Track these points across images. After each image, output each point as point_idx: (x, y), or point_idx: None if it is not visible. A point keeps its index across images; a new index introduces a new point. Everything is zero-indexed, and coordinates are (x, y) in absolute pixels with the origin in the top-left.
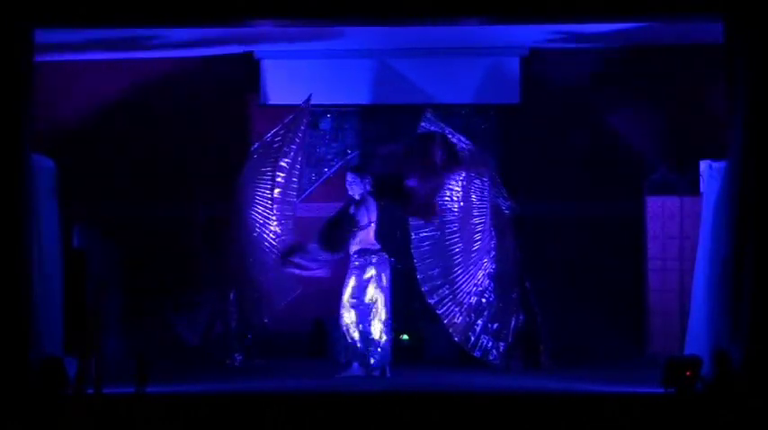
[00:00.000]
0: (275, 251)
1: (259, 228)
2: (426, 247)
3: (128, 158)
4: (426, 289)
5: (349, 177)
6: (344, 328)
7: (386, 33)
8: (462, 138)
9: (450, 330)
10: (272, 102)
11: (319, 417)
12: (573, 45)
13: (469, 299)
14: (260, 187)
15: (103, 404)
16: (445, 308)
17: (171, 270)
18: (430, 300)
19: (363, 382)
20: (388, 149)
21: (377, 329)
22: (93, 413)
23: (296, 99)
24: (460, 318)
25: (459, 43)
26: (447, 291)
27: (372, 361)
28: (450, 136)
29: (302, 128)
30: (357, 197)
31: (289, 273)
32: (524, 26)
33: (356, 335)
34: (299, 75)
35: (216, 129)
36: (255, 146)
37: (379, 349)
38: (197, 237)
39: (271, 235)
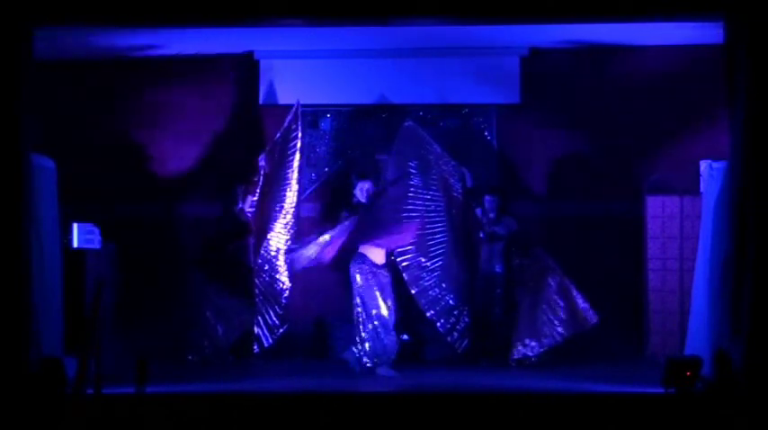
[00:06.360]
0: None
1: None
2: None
3: (128, 158)
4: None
5: (366, 185)
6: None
7: (386, 33)
8: (440, 151)
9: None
10: (271, 102)
11: (319, 417)
12: (573, 45)
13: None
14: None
15: (103, 404)
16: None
17: (170, 270)
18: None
19: (363, 382)
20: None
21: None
22: (93, 413)
23: (295, 99)
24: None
25: (459, 43)
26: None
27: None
28: (428, 147)
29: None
30: (365, 202)
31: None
32: (524, 26)
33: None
34: (299, 75)
35: (216, 129)
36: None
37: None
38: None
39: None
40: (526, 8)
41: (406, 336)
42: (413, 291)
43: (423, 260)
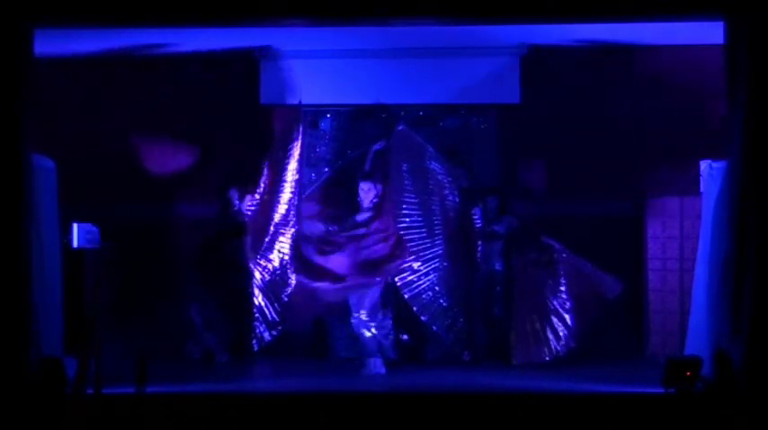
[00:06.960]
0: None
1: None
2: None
3: (128, 158)
4: None
5: (366, 185)
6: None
7: (386, 33)
8: (434, 153)
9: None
10: (271, 101)
11: (319, 417)
12: (573, 44)
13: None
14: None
15: (103, 404)
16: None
17: (170, 270)
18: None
19: (364, 382)
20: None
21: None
22: (93, 413)
23: (295, 99)
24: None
25: (458, 43)
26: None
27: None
28: (421, 150)
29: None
30: (367, 205)
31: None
32: (524, 26)
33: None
34: (300, 74)
35: (215, 129)
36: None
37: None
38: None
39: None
40: (526, 8)
41: (405, 336)
42: (405, 296)
43: (416, 265)
